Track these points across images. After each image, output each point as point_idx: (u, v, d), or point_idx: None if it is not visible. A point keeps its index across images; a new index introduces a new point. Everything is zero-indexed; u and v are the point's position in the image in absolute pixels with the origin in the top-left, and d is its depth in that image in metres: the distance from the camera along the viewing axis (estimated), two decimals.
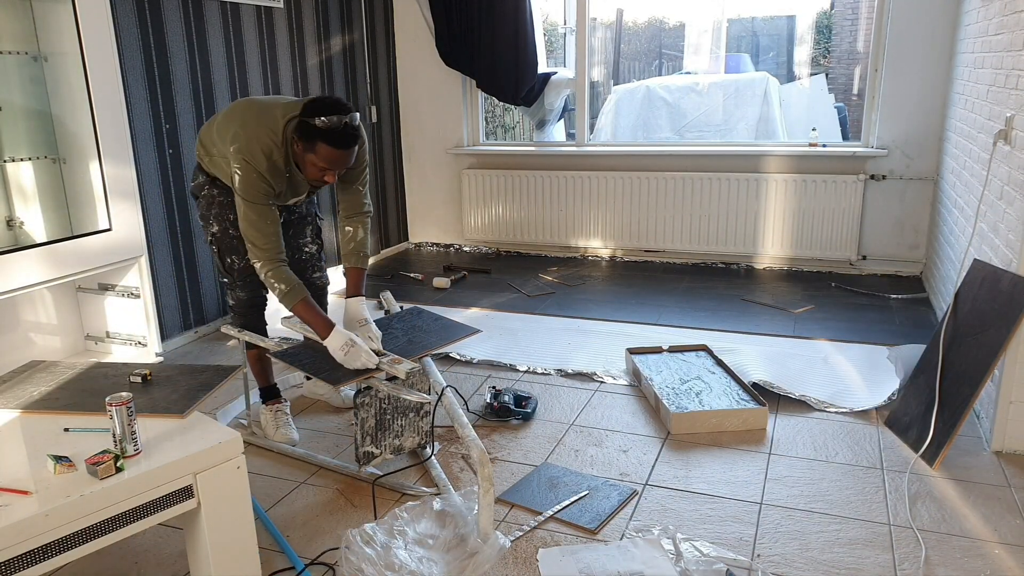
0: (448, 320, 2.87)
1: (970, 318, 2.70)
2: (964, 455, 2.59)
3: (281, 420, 2.80)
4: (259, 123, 2.39)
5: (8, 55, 2.98)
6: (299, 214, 2.82)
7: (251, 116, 2.42)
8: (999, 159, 2.88)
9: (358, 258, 2.69)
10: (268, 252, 2.42)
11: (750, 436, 2.76)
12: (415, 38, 5.43)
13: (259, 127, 2.39)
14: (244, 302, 2.75)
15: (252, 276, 2.67)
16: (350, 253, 2.69)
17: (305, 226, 2.85)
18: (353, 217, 2.69)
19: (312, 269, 2.89)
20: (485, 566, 2.02)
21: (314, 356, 2.46)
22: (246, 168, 2.37)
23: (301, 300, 2.44)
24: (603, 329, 3.87)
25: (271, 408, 2.83)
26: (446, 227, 5.74)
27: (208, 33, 3.86)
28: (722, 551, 2.09)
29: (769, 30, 9.85)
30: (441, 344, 2.65)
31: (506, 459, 2.64)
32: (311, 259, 2.89)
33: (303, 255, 2.86)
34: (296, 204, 2.72)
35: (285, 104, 2.44)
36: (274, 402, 2.85)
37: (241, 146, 2.37)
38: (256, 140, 2.37)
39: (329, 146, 2.30)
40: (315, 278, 2.91)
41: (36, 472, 1.62)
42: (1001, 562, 2.05)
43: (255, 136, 2.38)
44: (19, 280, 2.79)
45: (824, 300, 4.24)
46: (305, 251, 2.86)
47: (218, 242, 2.67)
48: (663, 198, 5.03)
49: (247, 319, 2.77)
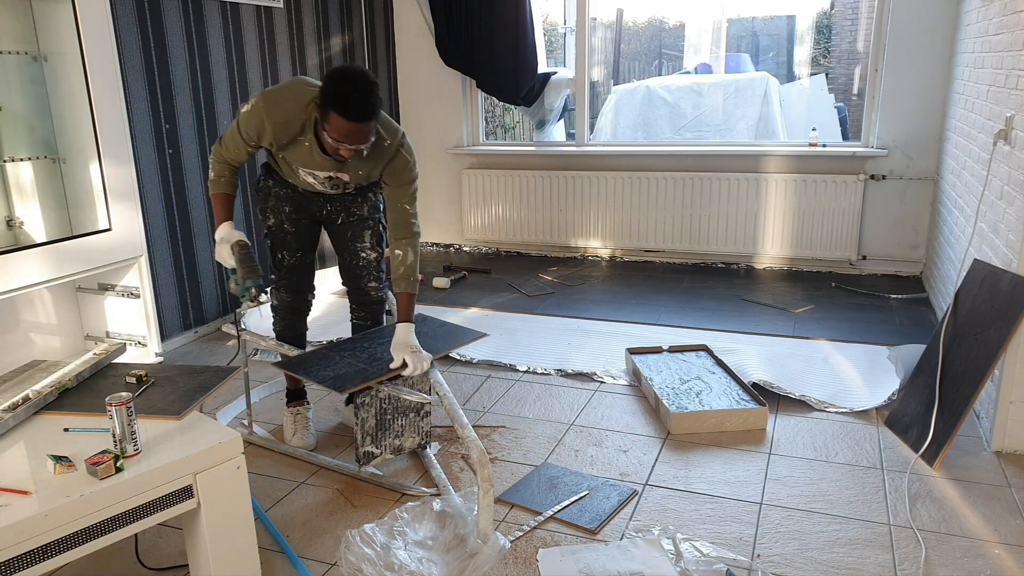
0: (453, 325, 2.87)
1: (970, 318, 2.70)
2: (964, 455, 2.59)
3: (300, 424, 2.76)
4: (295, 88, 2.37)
5: (8, 55, 2.97)
6: (359, 216, 2.69)
7: (293, 83, 2.41)
8: (999, 159, 2.88)
9: (408, 283, 2.50)
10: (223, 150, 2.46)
11: (750, 436, 2.76)
12: (415, 38, 5.43)
13: (293, 90, 2.37)
14: (287, 305, 2.74)
15: (298, 277, 2.67)
16: (400, 278, 2.50)
17: (364, 229, 2.70)
18: (403, 239, 2.50)
19: (368, 277, 2.75)
20: (485, 567, 2.02)
21: (318, 363, 2.44)
22: (256, 107, 2.36)
23: (219, 192, 2.48)
24: (603, 329, 3.87)
25: (292, 411, 2.78)
26: (446, 227, 5.74)
27: (208, 33, 3.86)
28: (722, 551, 2.09)
29: (769, 30, 9.86)
30: (449, 348, 2.65)
31: (506, 459, 2.64)
32: (368, 266, 2.74)
33: (359, 260, 2.73)
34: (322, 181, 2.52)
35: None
36: (296, 404, 2.80)
37: (268, 92, 2.38)
38: (282, 96, 2.36)
39: (340, 116, 2.17)
40: (370, 288, 2.77)
41: (36, 472, 1.62)
42: (1001, 562, 2.05)
43: (284, 94, 2.37)
44: (19, 280, 2.79)
45: (824, 300, 4.24)
46: (362, 256, 2.72)
47: (272, 235, 2.66)
48: (663, 198, 5.03)
49: (287, 323, 2.76)
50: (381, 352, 2.51)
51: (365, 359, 2.49)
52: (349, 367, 2.42)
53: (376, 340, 2.65)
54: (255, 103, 2.36)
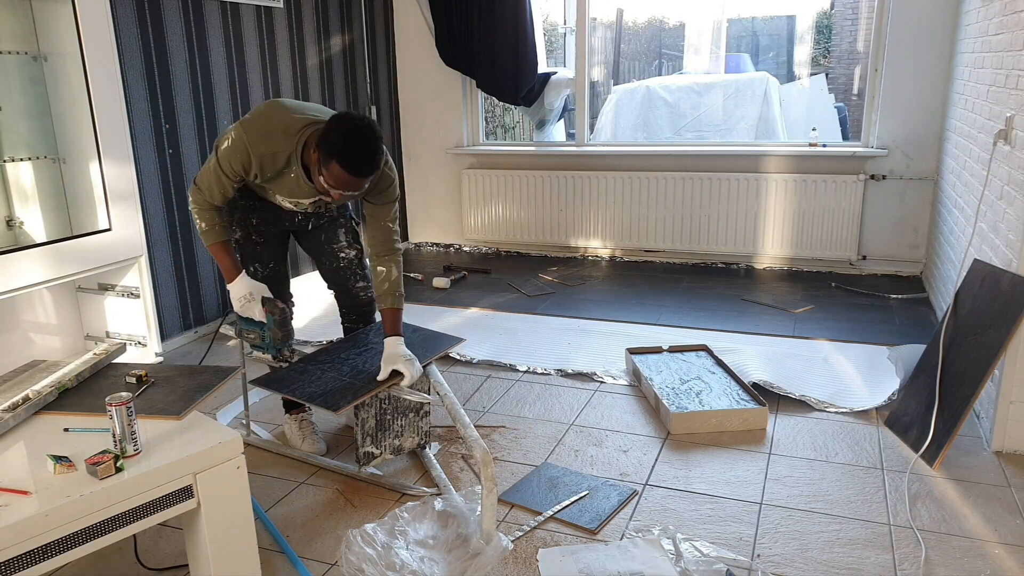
0: (429, 331, 2.82)
1: (970, 318, 2.70)
2: (964, 455, 2.59)
3: (307, 430, 2.74)
4: (275, 117, 2.29)
5: (8, 55, 2.97)
6: (328, 217, 2.65)
7: (271, 111, 2.32)
8: (999, 159, 2.88)
9: (393, 298, 2.49)
10: (203, 195, 2.35)
11: (750, 436, 2.76)
12: (415, 38, 5.43)
13: (274, 120, 2.29)
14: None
15: (274, 287, 2.59)
16: (385, 294, 2.48)
17: (337, 228, 2.67)
18: (386, 256, 2.48)
19: (354, 278, 2.70)
20: (487, 567, 2.02)
21: (299, 379, 2.40)
22: (239, 140, 2.26)
23: (218, 242, 2.40)
24: (603, 329, 3.87)
25: (295, 418, 2.75)
26: (446, 227, 5.74)
27: (208, 33, 3.86)
28: (722, 551, 2.09)
29: (769, 30, 9.86)
30: (426, 358, 2.55)
31: (506, 459, 2.64)
32: (351, 266, 2.69)
33: (339, 261, 2.68)
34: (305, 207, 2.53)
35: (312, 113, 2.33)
36: (298, 411, 2.77)
37: (247, 123, 2.29)
38: (265, 126, 2.27)
39: (342, 168, 2.13)
40: (359, 289, 2.72)
41: (36, 472, 1.62)
42: (1001, 562, 2.05)
43: (266, 125, 2.28)
44: (19, 280, 2.79)
45: (824, 300, 4.24)
46: (341, 256, 2.68)
47: (241, 248, 2.57)
48: (663, 198, 5.03)
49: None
50: (362, 364, 2.49)
51: (348, 372, 2.45)
52: (334, 382, 2.38)
53: (353, 350, 2.60)
54: (236, 136, 2.26)
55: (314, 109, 2.36)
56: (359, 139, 2.15)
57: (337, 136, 2.14)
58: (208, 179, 2.34)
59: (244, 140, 2.25)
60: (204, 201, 2.37)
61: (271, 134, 2.26)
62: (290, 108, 2.32)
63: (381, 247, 2.49)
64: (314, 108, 2.38)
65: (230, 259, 2.42)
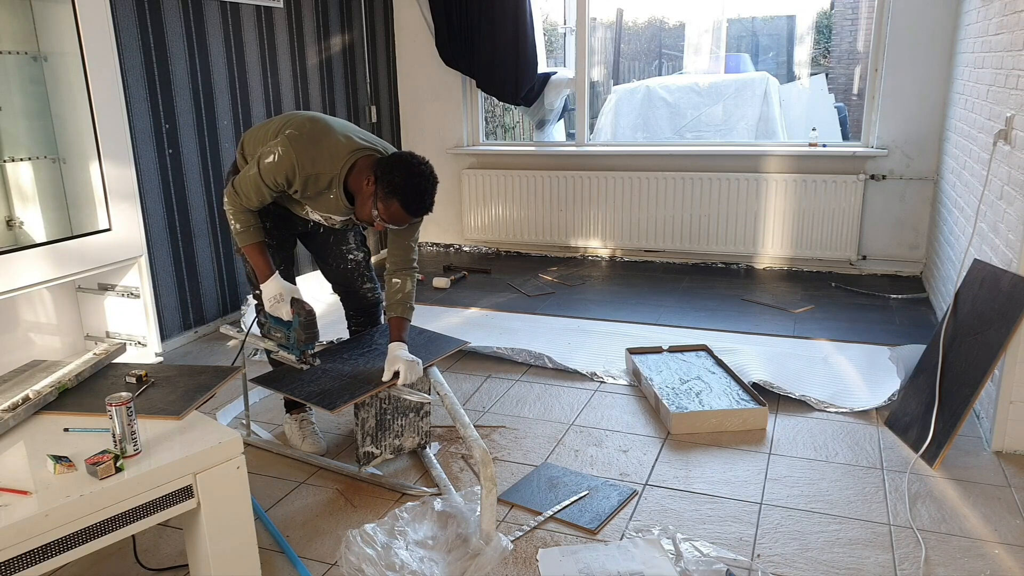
0: (433, 333, 2.84)
1: (970, 318, 2.70)
2: (964, 455, 2.59)
3: (307, 430, 2.74)
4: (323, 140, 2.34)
5: (8, 55, 2.98)
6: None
7: (319, 131, 2.35)
8: (999, 159, 2.88)
9: (404, 308, 2.55)
10: (240, 199, 2.39)
11: (750, 436, 2.76)
12: (415, 38, 5.43)
13: (322, 143, 2.33)
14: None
15: None
16: (396, 303, 2.54)
17: (347, 231, 2.72)
18: (403, 271, 2.55)
19: (361, 279, 2.76)
20: (487, 567, 2.02)
21: (299, 378, 2.41)
22: (287, 159, 2.30)
23: (254, 243, 2.43)
24: (603, 329, 3.86)
25: (295, 417, 2.77)
26: (446, 227, 5.74)
27: (208, 33, 3.86)
28: (722, 551, 2.09)
29: (769, 30, 9.85)
30: (431, 359, 2.58)
31: (506, 459, 2.64)
32: (358, 267, 2.75)
33: (348, 263, 2.74)
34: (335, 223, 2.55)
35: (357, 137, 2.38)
36: (298, 411, 2.78)
37: (296, 140, 2.31)
38: (313, 149, 2.31)
39: (402, 207, 2.26)
40: (366, 290, 2.78)
41: (36, 472, 1.62)
42: (1001, 562, 2.05)
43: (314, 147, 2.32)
44: (19, 280, 2.79)
45: (824, 300, 4.24)
46: (350, 258, 2.74)
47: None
48: (663, 198, 5.03)
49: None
50: (364, 364, 2.50)
51: (349, 372, 2.46)
52: (333, 382, 2.39)
53: (357, 351, 2.62)
54: (284, 153, 2.30)
55: (357, 132, 2.43)
56: (423, 184, 2.28)
57: (403, 178, 2.25)
58: (247, 186, 2.38)
59: (293, 159, 2.31)
60: (240, 204, 2.42)
61: (318, 158, 2.33)
62: (335, 129, 2.39)
63: (400, 263, 2.56)
64: (356, 131, 2.44)
65: (264, 259, 2.46)
